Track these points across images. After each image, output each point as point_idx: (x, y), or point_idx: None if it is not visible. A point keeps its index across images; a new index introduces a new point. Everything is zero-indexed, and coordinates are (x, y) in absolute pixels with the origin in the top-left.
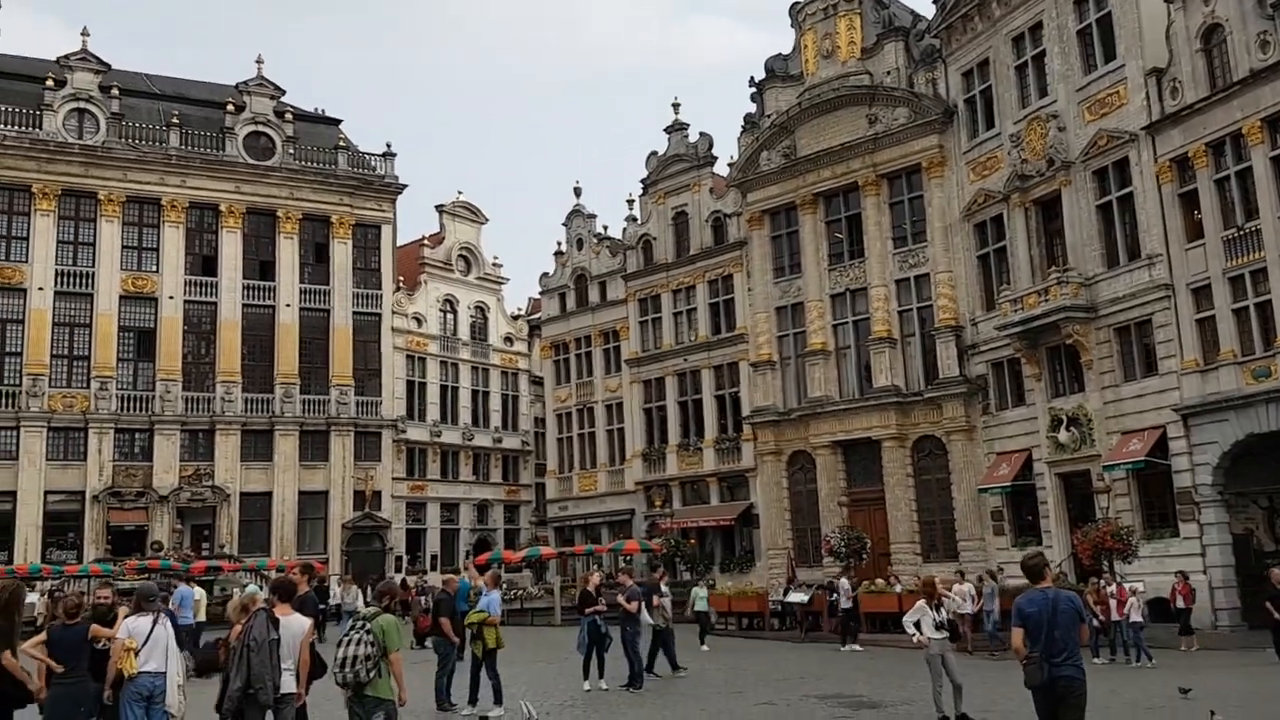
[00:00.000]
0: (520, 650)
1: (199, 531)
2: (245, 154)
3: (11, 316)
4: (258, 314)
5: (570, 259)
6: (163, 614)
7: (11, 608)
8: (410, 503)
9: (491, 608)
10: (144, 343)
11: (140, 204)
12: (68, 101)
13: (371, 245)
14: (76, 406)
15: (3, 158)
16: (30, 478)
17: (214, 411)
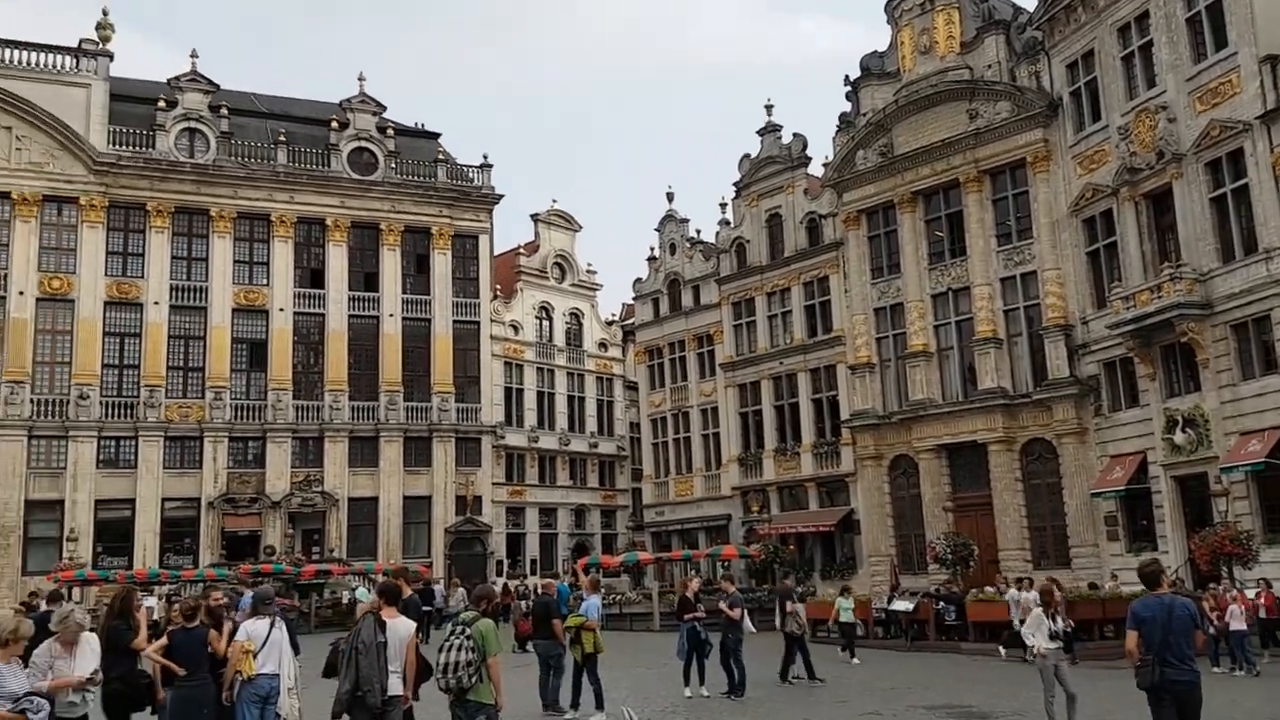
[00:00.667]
0: (620, 655)
1: (309, 536)
2: (349, 169)
3: (129, 330)
4: (363, 324)
5: (663, 264)
6: (278, 617)
7: (126, 612)
8: (509, 507)
9: (590, 612)
10: (256, 354)
11: (250, 220)
12: (179, 122)
13: (470, 255)
14: (192, 416)
15: (119, 177)
16: (148, 485)
17: (323, 419)
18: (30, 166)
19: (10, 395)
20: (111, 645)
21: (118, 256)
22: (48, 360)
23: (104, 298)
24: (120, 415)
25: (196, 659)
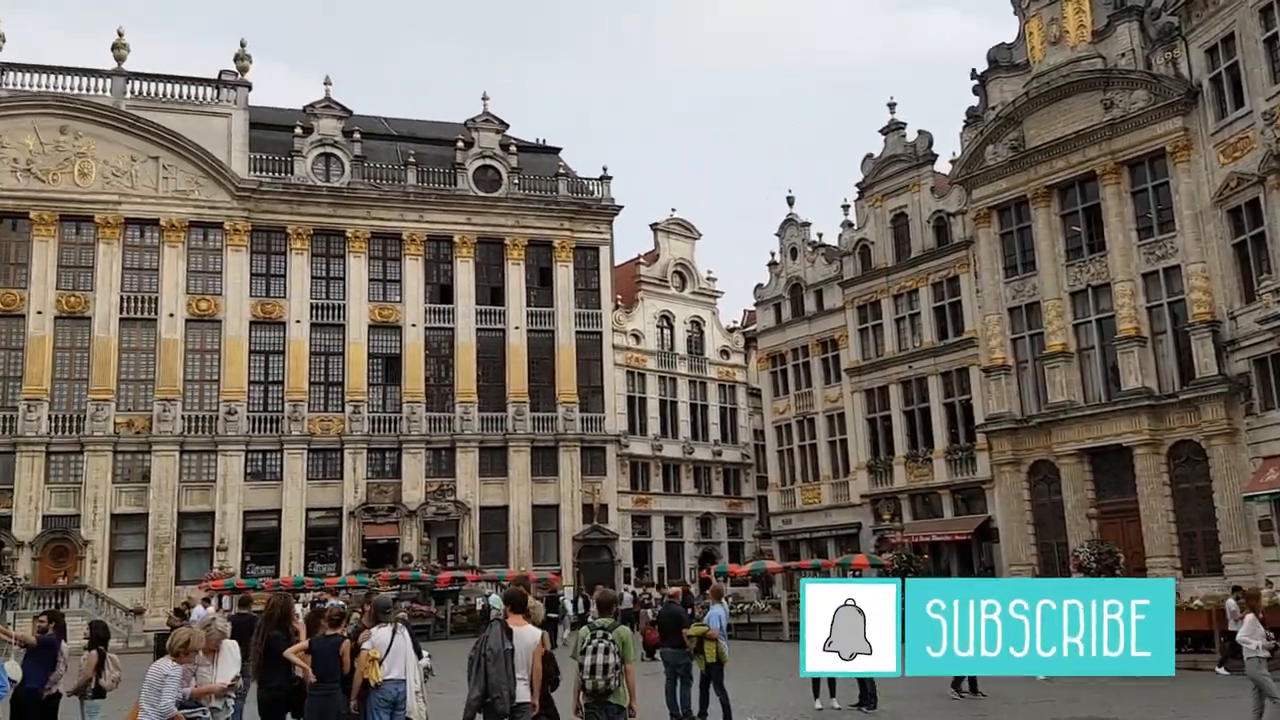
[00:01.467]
0: (749, 665)
1: (444, 544)
2: (475, 187)
3: (273, 348)
4: (490, 337)
5: (784, 269)
6: (400, 624)
7: (284, 620)
8: (635, 516)
9: (713, 621)
10: (390, 368)
11: (383, 239)
12: (315, 147)
13: (591, 266)
14: (333, 429)
15: (260, 202)
16: (293, 496)
17: (454, 430)
18: (177, 194)
19: (163, 412)
20: (270, 653)
21: (261, 278)
22: (197, 379)
23: (249, 317)
24: (266, 429)
25: (330, 667)
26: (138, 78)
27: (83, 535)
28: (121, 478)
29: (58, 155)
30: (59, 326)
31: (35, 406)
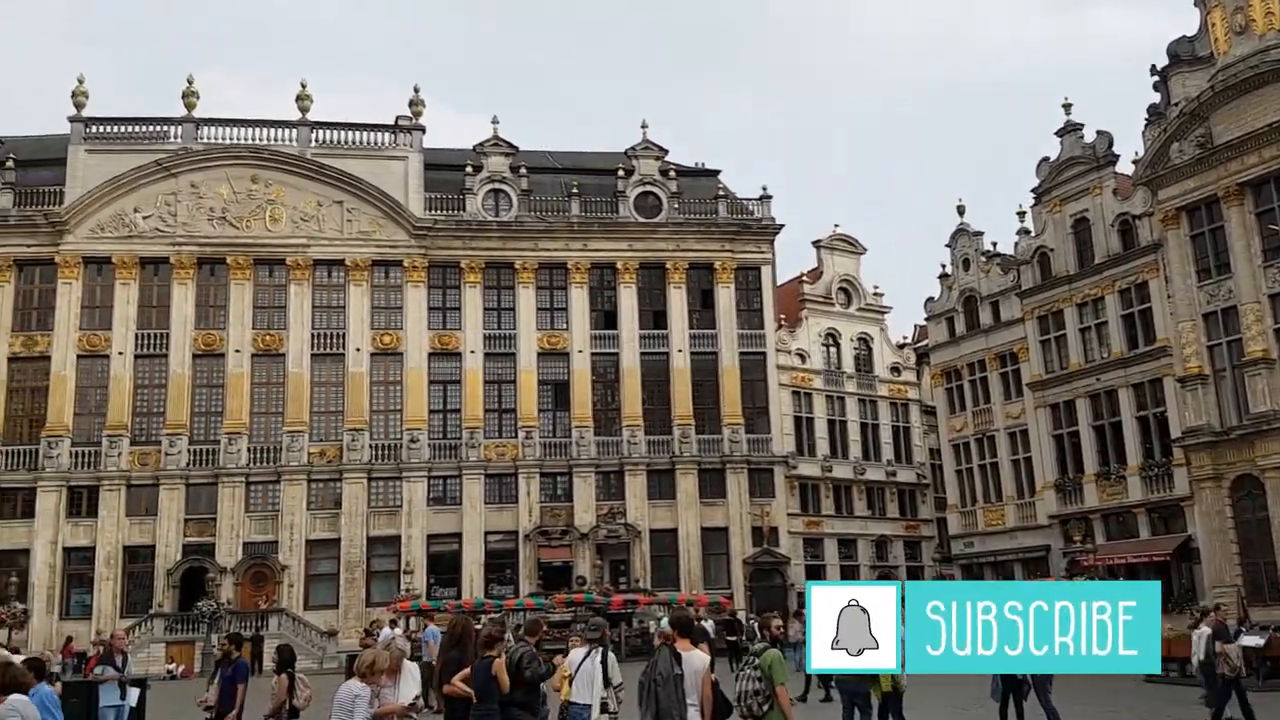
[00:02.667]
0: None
1: (615, 566)
2: (636, 214)
3: (450, 378)
4: (654, 361)
5: (956, 280)
6: (596, 648)
7: (465, 641)
8: (806, 539)
9: None
10: (559, 394)
11: (550, 269)
12: (485, 184)
13: (753, 287)
14: (507, 455)
15: (436, 239)
16: (472, 520)
17: (622, 454)
18: (360, 235)
19: (351, 442)
20: (449, 675)
21: (437, 311)
22: (382, 409)
23: (427, 349)
24: (445, 456)
25: (488, 688)
26: (321, 126)
27: (280, 560)
28: (315, 505)
29: (250, 203)
30: (255, 364)
31: (235, 440)
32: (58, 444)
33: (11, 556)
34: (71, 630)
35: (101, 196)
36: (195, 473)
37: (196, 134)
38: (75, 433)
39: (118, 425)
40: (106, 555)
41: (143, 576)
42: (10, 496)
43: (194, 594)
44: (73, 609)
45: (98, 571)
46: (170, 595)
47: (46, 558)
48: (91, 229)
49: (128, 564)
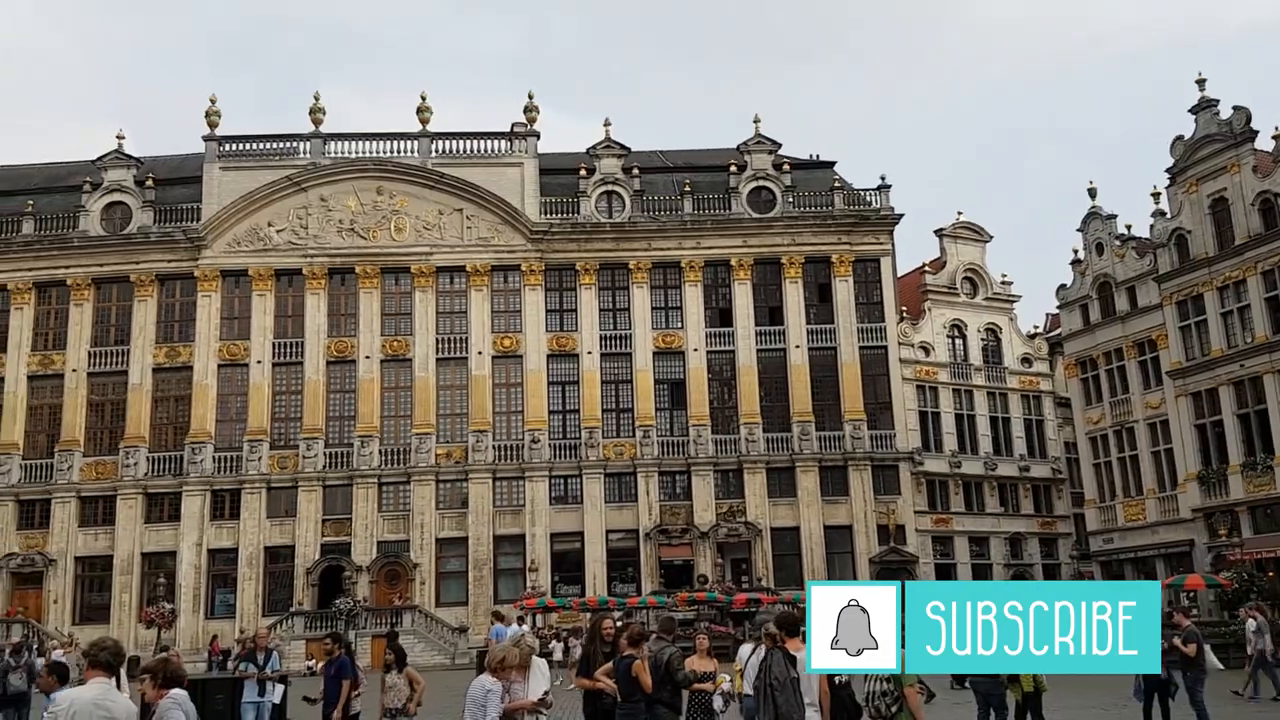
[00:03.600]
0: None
1: (737, 565)
2: (749, 209)
3: (568, 379)
4: (771, 358)
5: (1089, 266)
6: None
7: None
8: (935, 537)
9: None
10: (676, 393)
11: (664, 268)
12: (598, 186)
13: (872, 279)
14: (625, 454)
15: (552, 242)
16: (593, 519)
17: (740, 452)
18: (479, 242)
19: (476, 443)
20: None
21: (555, 314)
22: (504, 410)
23: (546, 351)
24: (566, 456)
25: (629, 686)
26: (440, 137)
27: (412, 558)
28: (443, 505)
29: (376, 214)
30: (384, 369)
31: (368, 442)
32: (201, 450)
33: (160, 559)
34: (216, 629)
35: (236, 212)
36: (331, 475)
37: (324, 149)
38: (218, 439)
39: (257, 431)
40: (248, 556)
41: (283, 576)
42: (158, 501)
43: (332, 592)
44: (217, 608)
45: (240, 571)
46: (309, 593)
47: (192, 559)
48: (228, 243)
49: (268, 564)
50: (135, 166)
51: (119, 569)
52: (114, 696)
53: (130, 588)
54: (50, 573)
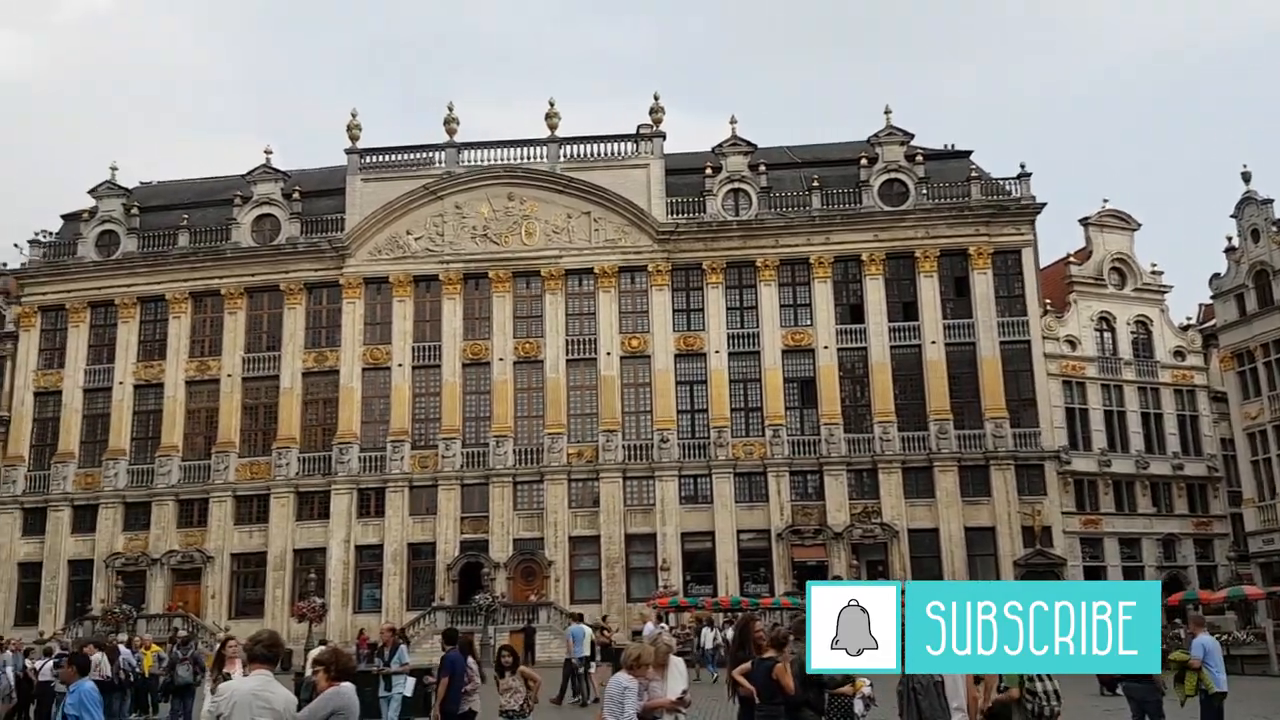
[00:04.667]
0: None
1: (873, 567)
2: (880, 202)
3: (696, 378)
4: (905, 354)
5: (1244, 253)
6: None
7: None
8: (1084, 538)
9: (1196, 650)
10: (806, 391)
11: (792, 265)
12: (725, 184)
13: (1013, 271)
14: (755, 454)
15: (678, 242)
16: (724, 519)
17: (874, 451)
18: (607, 244)
19: (606, 443)
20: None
21: (682, 313)
22: (633, 410)
23: (673, 351)
24: (694, 455)
25: (768, 689)
26: (568, 141)
27: (546, 556)
28: (575, 503)
29: (507, 219)
30: (517, 370)
31: (502, 442)
32: (348, 450)
33: (310, 555)
34: (363, 623)
35: (377, 222)
36: (468, 474)
37: (458, 158)
38: (363, 439)
39: (399, 431)
40: (393, 552)
41: (425, 571)
42: (308, 499)
43: (471, 587)
44: (364, 603)
45: (385, 567)
46: (450, 589)
47: (341, 555)
48: (370, 252)
49: (411, 560)
50: (282, 180)
51: (272, 565)
52: (273, 687)
53: (283, 583)
54: (208, 569)
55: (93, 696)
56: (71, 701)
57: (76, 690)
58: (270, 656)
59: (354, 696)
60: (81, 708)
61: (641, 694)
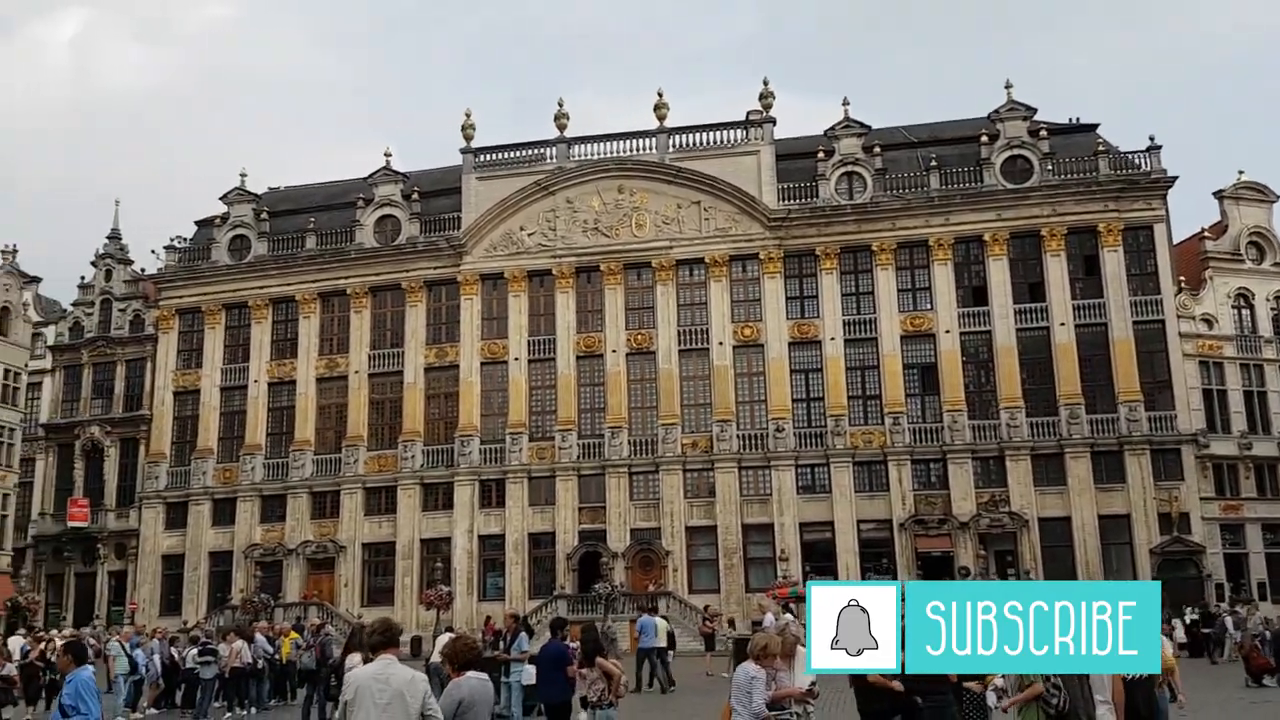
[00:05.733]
0: None
1: (1001, 557)
2: (1003, 180)
3: (811, 367)
4: (1031, 337)
5: None
6: None
7: None
8: (1224, 525)
9: None
10: (927, 377)
11: (910, 248)
12: (837, 168)
13: (1144, 248)
14: (874, 442)
15: (790, 229)
16: (843, 509)
17: (1001, 438)
18: (717, 233)
19: (720, 432)
20: None
21: (795, 300)
22: (747, 400)
23: (787, 339)
24: (812, 444)
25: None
26: (677, 131)
27: (663, 546)
28: (691, 493)
29: (617, 212)
30: (630, 362)
31: (617, 433)
32: (469, 443)
33: (436, 544)
34: (488, 610)
35: (492, 219)
36: (585, 465)
37: (569, 153)
38: (483, 432)
39: (517, 424)
40: (514, 541)
41: (545, 561)
42: (433, 491)
43: (591, 576)
44: (488, 591)
45: (507, 556)
46: (570, 578)
47: (465, 545)
48: (485, 249)
49: (532, 549)
50: (402, 181)
51: (400, 554)
52: (394, 669)
53: (411, 572)
54: (340, 558)
55: (89, 686)
56: (68, 691)
57: (74, 680)
58: (387, 641)
59: (479, 684)
60: (78, 697)
61: (769, 684)
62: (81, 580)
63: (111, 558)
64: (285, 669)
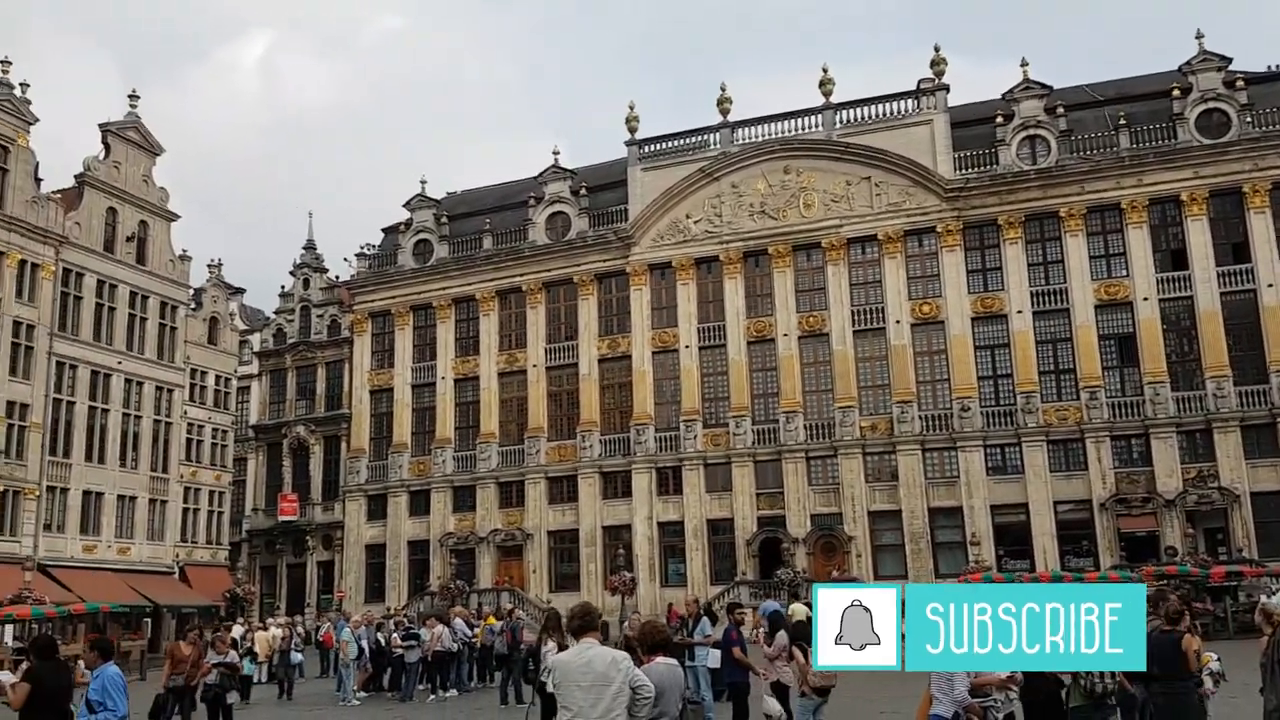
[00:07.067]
0: None
1: (1211, 535)
2: (1198, 135)
3: (998, 342)
4: (1238, 301)
5: None
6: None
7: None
8: None
9: None
10: (1125, 348)
11: (1100, 212)
12: (1018, 132)
13: None
14: (1069, 419)
15: (969, 199)
16: (1037, 489)
17: (1207, 409)
18: (890, 208)
19: (901, 414)
20: None
21: (977, 274)
22: (928, 379)
23: (969, 314)
24: (1000, 423)
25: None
26: (844, 107)
27: (845, 531)
28: (872, 477)
29: (784, 193)
30: (802, 345)
31: (792, 418)
32: (644, 431)
33: (617, 531)
34: (671, 596)
35: (658, 209)
36: (760, 450)
37: (732, 137)
38: (657, 420)
39: (691, 411)
40: (693, 528)
41: (724, 547)
42: (612, 479)
43: (771, 562)
44: (670, 577)
45: (687, 543)
46: (751, 564)
47: (644, 531)
48: (653, 239)
49: (710, 535)
50: (570, 177)
51: (584, 541)
52: (594, 652)
53: (595, 558)
54: (528, 546)
55: (116, 681)
56: (95, 687)
57: (100, 675)
58: (587, 625)
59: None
60: (104, 693)
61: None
62: (293, 571)
63: (319, 549)
64: (484, 653)
